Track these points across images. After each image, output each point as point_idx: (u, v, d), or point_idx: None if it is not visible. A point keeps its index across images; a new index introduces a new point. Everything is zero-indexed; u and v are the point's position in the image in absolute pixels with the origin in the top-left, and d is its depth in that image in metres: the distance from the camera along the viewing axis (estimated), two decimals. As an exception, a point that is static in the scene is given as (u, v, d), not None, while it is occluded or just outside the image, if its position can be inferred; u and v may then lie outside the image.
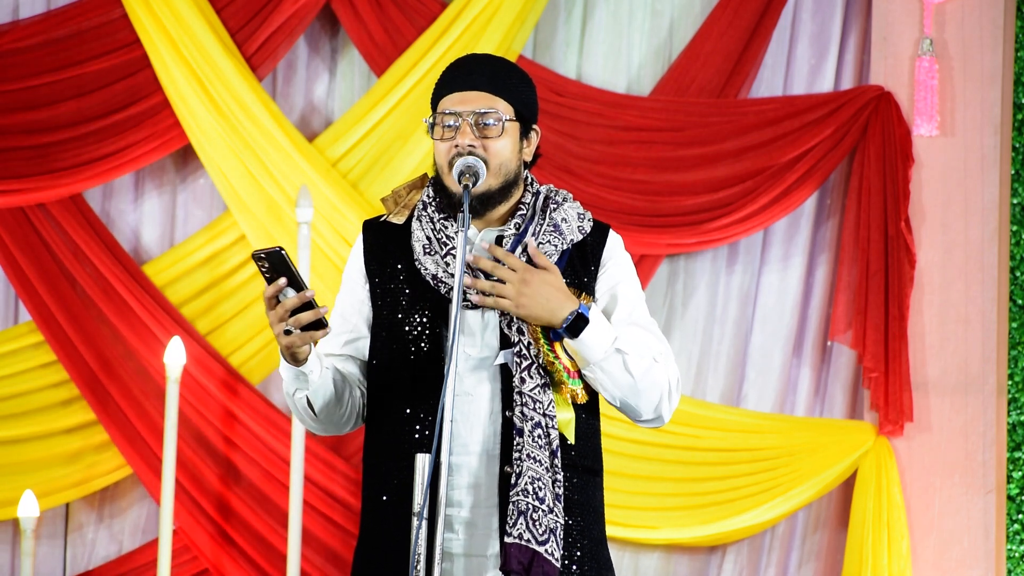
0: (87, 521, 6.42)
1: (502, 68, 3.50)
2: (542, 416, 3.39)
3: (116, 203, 6.48)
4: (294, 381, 3.43)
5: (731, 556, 6.43)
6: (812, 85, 6.48)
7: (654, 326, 3.51)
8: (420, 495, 3.30)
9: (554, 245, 3.47)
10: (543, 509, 3.35)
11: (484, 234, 3.51)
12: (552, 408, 3.40)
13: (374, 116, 6.36)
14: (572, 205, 3.53)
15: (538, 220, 3.49)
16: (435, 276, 3.46)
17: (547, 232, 3.48)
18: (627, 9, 6.50)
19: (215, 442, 6.32)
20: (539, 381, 3.40)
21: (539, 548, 3.34)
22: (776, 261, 6.47)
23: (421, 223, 3.51)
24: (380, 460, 3.46)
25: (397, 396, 3.45)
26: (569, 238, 3.49)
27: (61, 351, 6.29)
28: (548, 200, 3.52)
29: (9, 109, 6.31)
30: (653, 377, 3.42)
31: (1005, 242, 6.34)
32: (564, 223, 3.49)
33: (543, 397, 3.40)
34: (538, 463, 3.36)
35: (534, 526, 3.35)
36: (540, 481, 3.35)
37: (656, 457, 6.34)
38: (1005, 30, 6.34)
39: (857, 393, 6.42)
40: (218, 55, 6.29)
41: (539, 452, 3.37)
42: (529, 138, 3.53)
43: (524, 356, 3.41)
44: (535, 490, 3.35)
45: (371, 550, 3.47)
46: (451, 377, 3.31)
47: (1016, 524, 6.33)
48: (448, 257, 3.45)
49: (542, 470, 3.36)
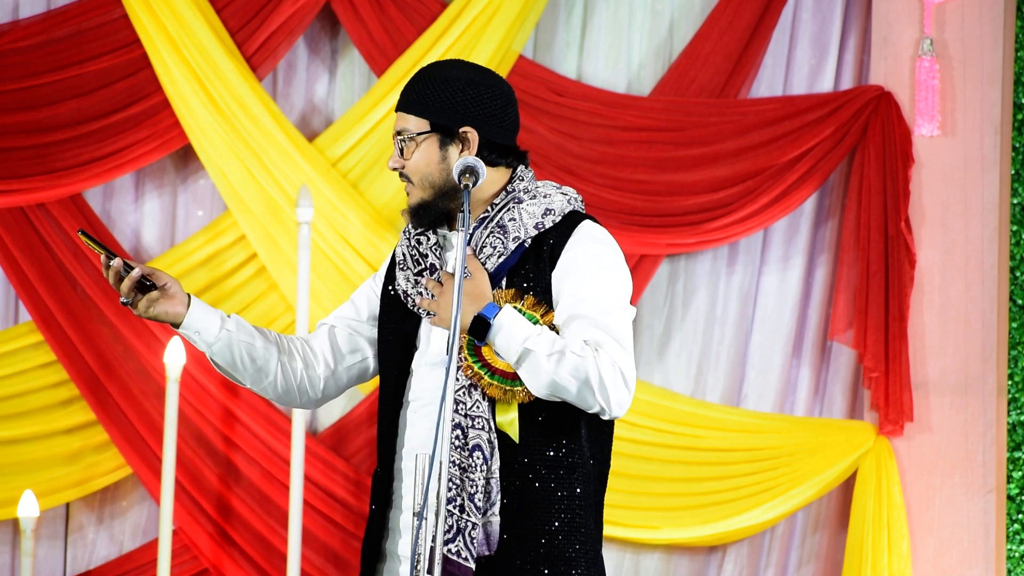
0: (87, 521, 6.42)
1: (420, 81, 3.57)
2: (463, 417, 3.43)
3: (116, 203, 6.48)
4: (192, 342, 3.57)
5: (731, 556, 6.43)
6: (812, 85, 6.48)
7: (607, 317, 3.45)
8: (420, 495, 3.32)
9: (494, 246, 3.49)
10: (448, 509, 3.39)
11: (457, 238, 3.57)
12: (476, 408, 3.44)
13: (374, 116, 6.36)
14: (540, 202, 3.54)
15: (488, 221, 3.52)
16: (404, 292, 3.56)
17: (492, 234, 3.51)
18: (627, 9, 6.50)
19: (215, 442, 6.32)
20: (464, 383, 3.45)
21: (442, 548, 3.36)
22: (776, 261, 6.47)
23: (401, 239, 3.61)
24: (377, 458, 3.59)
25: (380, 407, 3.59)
26: (515, 235, 3.50)
27: (61, 351, 6.29)
28: (512, 199, 3.55)
29: (9, 109, 6.31)
30: (572, 371, 3.38)
31: (1005, 242, 6.34)
32: (512, 222, 3.51)
33: (467, 398, 3.44)
34: (451, 463, 3.41)
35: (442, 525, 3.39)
36: (450, 481, 3.40)
37: (656, 457, 6.34)
38: (1005, 30, 6.34)
39: (857, 393, 6.42)
40: (218, 55, 6.29)
41: (455, 453, 3.42)
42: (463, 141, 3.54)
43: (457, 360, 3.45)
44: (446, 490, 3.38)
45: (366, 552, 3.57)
46: (451, 378, 3.32)
47: (1016, 524, 6.33)
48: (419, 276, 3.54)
49: (454, 470, 3.41)
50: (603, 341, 3.42)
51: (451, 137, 3.54)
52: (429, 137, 3.54)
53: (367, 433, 6.34)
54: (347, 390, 3.89)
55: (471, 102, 3.55)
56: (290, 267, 6.24)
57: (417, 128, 3.55)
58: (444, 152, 3.54)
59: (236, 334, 3.57)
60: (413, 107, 3.56)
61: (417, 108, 3.56)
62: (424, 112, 3.55)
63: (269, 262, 6.33)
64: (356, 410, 6.38)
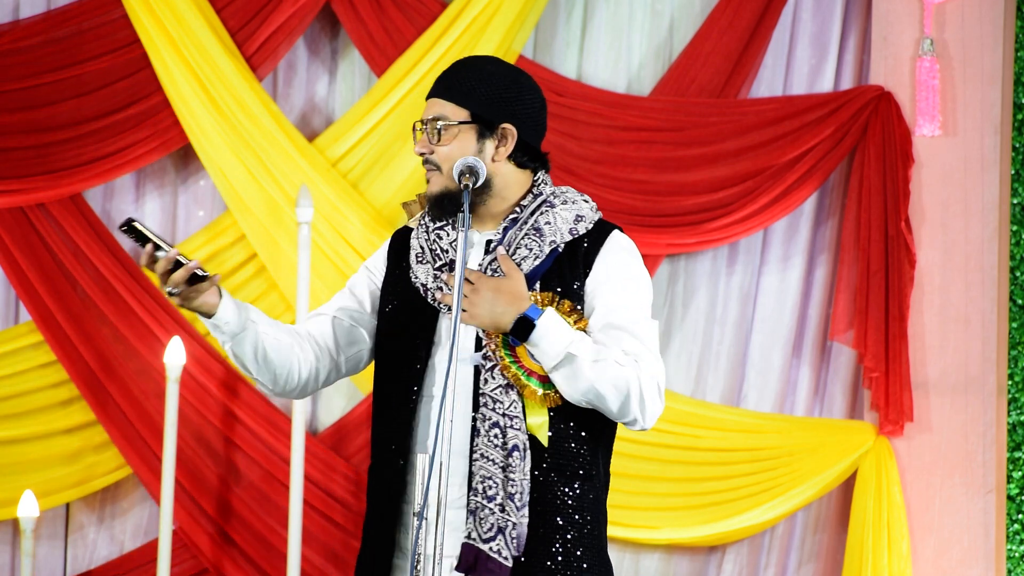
0: (88, 522, 6.42)
1: (462, 71, 3.54)
2: (501, 416, 3.42)
3: (117, 203, 6.48)
4: (213, 332, 3.50)
5: (731, 556, 6.43)
6: (812, 85, 6.48)
7: (642, 327, 3.48)
8: (420, 495, 3.32)
9: (529, 248, 3.48)
10: (490, 508, 3.39)
11: (480, 237, 3.55)
12: (514, 408, 3.43)
13: (374, 116, 6.36)
14: (571, 207, 3.54)
15: (522, 223, 3.50)
16: (424, 285, 3.52)
17: (527, 236, 3.49)
18: (627, 9, 6.50)
19: (215, 442, 6.32)
20: (502, 382, 3.44)
21: (483, 546, 3.36)
22: (776, 261, 6.47)
23: (418, 231, 3.57)
24: (373, 460, 3.56)
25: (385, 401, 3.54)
26: (551, 239, 3.49)
27: (61, 351, 6.29)
28: (544, 203, 3.53)
29: (9, 109, 6.31)
30: (614, 381, 3.41)
31: (1005, 242, 6.34)
32: (548, 226, 3.50)
33: (504, 397, 3.43)
34: (491, 462, 3.40)
35: (480, 524, 3.40)
36: (491, 480, 3.39)
37: (656, 457, 6.34)
38: (1005, 30, 6.34)
39: (857, 393, 6.43)
40: (218, 55, 6.29)
41: (493, 451, 3.41)
42: (501, 138, 3.53)
43: (490, 358, 3.45)
44: (484, 489, 3.39)
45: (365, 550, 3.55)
46: (451, 378, 3.32)
47: (1016, 524, 6.33)
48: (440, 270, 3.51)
49: (495, 469, 3.40)
50: (641, 353, 3.44)
51: (490, 131, 3.53)
52: (468, 127, 3.52)
53: (367, 433, 6.33)
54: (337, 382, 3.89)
55: (515, 100, 3.54)
56: (290, 267, 6.24)
57: (457, 116, 3.52)
58: (480, 145, 3.52)
59: (259, 327, 3.53)
60: (454, 95, 3.52)
61: (459, 97, 3.52)
62: (466, 102, 3.52)
63: (269, 262, 6.33)
64: (356, 410, 6.38)
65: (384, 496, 3.51)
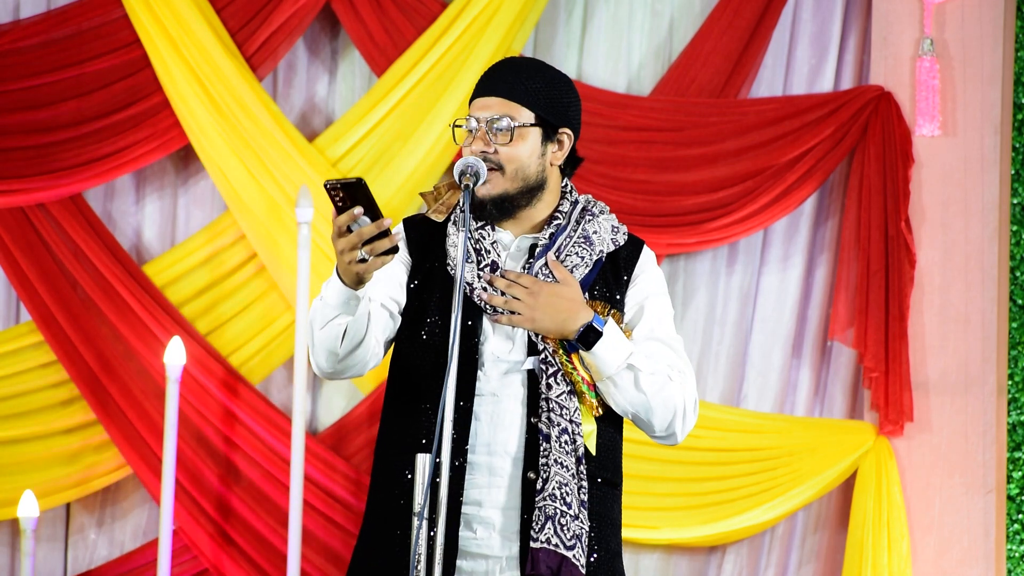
0: (88, 522, 6.42)
1: (526, 72, 3.51)
2: (568, 423, 3.41)
3: (117, 203, 6.48)
4: (342, 306, 3.36)
5: (731, 556, 6.43)
6: (812, 85, 6.48)
7: (678, 343, 3.52)
8: (420, 495, 3.31)
9: (581, 256, 3.49)
10: (570, 515, 3.38)
11: (519, 241, 3.53)
12: (578, 415, 3.43)
13: (374, 116, 6.36)
14: (607, 217, 3.56)
15: (570, 230, 3.50)
16: (469, 284, 3.48)
17: (576, 244, 3.49)
18: (627, 9, 6.50)
19: (215, 442, 6.32)
20: (565, 388, 3.43)
21: (567, 553, 3.37)
22: (776, 261, 6.47)
23: (457, 227, 3.52)
24: (393, 454, 3.48)
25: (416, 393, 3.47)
26: (599, 249, 3.51)
27: (61, 351, 6.29)
28: (585, 211, 3.54)
29: (9, 109, 6.31)
30: (666, 396, 3.44)
31: (1005, 242, 6.34)
32: (595, 235, 3.51)
33: (569, 404, 3.42)
34: (565, 469, 3.39)
35: (562, 531, 3.38)
36: (567, 487, 3.38)
37: (656, 457, 6.34)
38: (1005, 30, 6.34)
39: (857, 393, 6.42)
40: (218, 55, 6.29)
41: (566, 458, 3.39)
42: (559, 142, 3.53)
43: (550, 363, 3.44)
44: (563, 495, 3.38)
45: (374, 545, 3.49)
46: (451, 378, 3.31)
47: (1016, 524, 6.33)
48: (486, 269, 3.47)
49: (569, 476, 3.39)
50: (684, 370, 3.47)
51: (552, 135, 3.52)
52: (534, 130, 3.50)
53: (367, 433, 6.34)
54: None
55: (572, 106, 3.55)
56: (290, 267, 6.24)
57: (524, 118, 3.49)
58: (544, 148, 3.52)
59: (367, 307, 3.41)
60: (519, 96, 3.49)
61: (526, 99, 3.49)
62: (534, 104, 3.50)
63: (269, 262, 6.33)
64: (356, 410, 6.38)
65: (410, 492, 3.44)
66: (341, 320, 3.38)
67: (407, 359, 3.50)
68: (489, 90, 3.50)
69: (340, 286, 3.35)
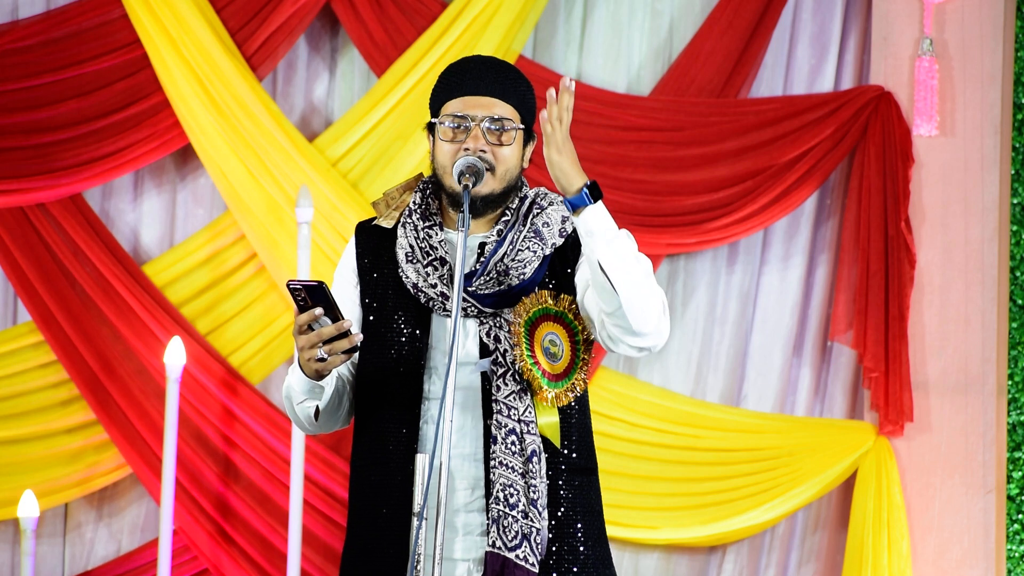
0: (86, 521, 6.42)
1: (511, 73, 3.51)
2: (516, 423, 3.41)
3: (116, 203, 6.48)
4: (307, 393, 3.46)
5: (731, 556, 6.43)
6: (812, 85, 6.48)
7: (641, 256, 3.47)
8: (420, 495, 3.32)
9: (533, 251, 3.47)
10: (513, 516, 3.38)
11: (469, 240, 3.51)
12: (529, 414, 3.42)
13: (374, 116, 6.36)
14: (557, 208, 3.53)
15: (518, 226, 3.49)
16: (415, 285, 3.48)
17: (527, 239, 3.48)
18: (627, 9, 6.50)
19: (215, 442, 6.33)
20: (514, 388, 3.42)
21: (509, 554, 3.36)
22: (776, 261, 6.47)
23: (405, 230, 3.52)
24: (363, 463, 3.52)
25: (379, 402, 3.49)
26: (551, 242, 3.49)
27: (61, 351, 6.29)
28: (533, 205, 3.52)
29: (9, 109, 6.31)
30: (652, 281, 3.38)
31: (1005, 242, 6.34)
32: (545, 227, 3.49)
33: (518, 403, 3.42)
34: (510, 470, 3.39)
35: (504, 533, 3.39)
36: (512, 488, 3.38)
37: (656, 457, 6.34)
38: (1005, 30, 6.34)
39: (857, 393, 6.42)
40: (218, 55, 6.29)
41: (512, 459, 3.39)
42: (531, 143, 3.55)
43: (500, 364, 3.44)
44: (506, 497, 3.38)
45: (357, 552, 3.50)
46: (451, 378, 3.32)
47: (1016, 524, 6.33)
48: (429, 267, 3.46)
49: (515, 476, 3.39)
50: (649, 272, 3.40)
51: (530, 137, 3.53)
52: (521, 133, 3.51)
53: (367, 433, 6.33)
54: None
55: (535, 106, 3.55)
56: (290, 267, 6.24)
57: (516, 121, 3.50)
58: (525, 150, 3.53)
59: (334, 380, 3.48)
60: (511, 98, 3.50)
61: (514, 100, 3.50)
62: (520, 106, 3.51)
63: (269, 262, 6.33)
64: (356, 410, 6.38)
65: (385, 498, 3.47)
66: (309, 403, 3.47)
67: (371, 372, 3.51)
68: (482, 88, 3.48)
69: (302, 377, 3.43)
